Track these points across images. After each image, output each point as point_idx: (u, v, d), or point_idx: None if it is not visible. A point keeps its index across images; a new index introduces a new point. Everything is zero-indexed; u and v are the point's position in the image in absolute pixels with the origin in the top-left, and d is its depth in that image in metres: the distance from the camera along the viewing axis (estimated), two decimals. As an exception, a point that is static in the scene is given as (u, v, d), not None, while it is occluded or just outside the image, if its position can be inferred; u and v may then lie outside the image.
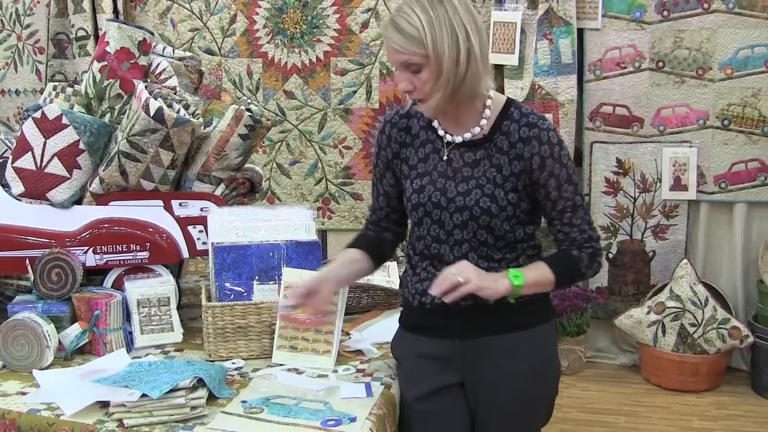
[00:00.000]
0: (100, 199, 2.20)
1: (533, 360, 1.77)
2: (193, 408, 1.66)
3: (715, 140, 3.74)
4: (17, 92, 4.45)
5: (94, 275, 2.21)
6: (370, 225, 1.95)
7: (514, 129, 1.71)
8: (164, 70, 2.35)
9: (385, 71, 4.00)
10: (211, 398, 1.73)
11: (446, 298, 1.63)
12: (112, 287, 2.18)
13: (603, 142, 3.86)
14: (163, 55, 2.41)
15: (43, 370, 1.91)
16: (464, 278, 1.61)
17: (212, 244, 2.08)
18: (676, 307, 3.67)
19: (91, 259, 2.17)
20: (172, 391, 1.65)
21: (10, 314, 2.01)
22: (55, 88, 2.34)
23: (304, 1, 4.04)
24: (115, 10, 4.15)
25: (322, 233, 4.06)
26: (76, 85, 2.34)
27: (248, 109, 2.25)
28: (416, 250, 1.81)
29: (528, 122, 1.71)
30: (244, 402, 1.74)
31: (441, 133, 1.76)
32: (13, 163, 2.20)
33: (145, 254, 2.19)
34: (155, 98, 2.09)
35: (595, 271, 1.77)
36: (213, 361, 1.96)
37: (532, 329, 1.78)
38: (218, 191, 2.26)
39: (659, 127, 3.79)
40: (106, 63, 2.26)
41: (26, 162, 2.18)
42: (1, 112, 4.49)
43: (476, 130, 1.73)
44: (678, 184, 3.79)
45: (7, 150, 2.34)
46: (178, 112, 2.13)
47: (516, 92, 3.78)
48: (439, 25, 1.59)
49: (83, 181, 2.21)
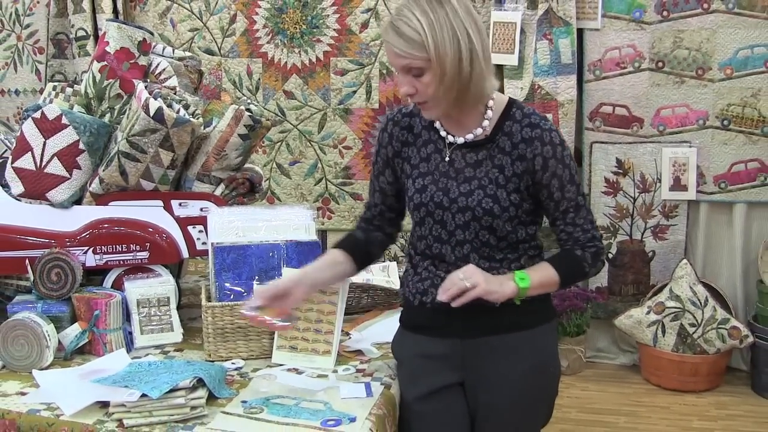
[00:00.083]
0: (100, 199, 2.19)
1: (533, 360, 1.77)
2: (193, 408, 1.66)
3: (715, 140, 3.74)
4: (17, 92, 4.45)
5: (94, 275, 2.21)
6: (362, 222, 1.93)
7: (517, 129, 1.70)
8: (164, 70, 2.35)
9: (384, 71, 4.00)
10: (211, 398, 1.73)
11: (454, 303, 1.62)
12: (111, 287, 2.18)
13: (603, 143, 3.85)
14: (163, 55, 2.41)
15: (42, 370, 1.90)
16: (472, 283, 1.61)
17: (212, 244, 2.08)
18: (675, 307, 3.67)
19: (91, 259, 2.17)
20: (171, 391, 1.64)
21: (9, 314, 2.01)
22: (54, 88, 2.34)
23: (304, 1, 4.04)
24: (115, 10, 4.15)
25: (322, 233, 4.05)
26: (75, 85, 2.34)
27: (248, 109, 2.25)
28: (417, 250, 1.81)
29: (530, 122, 1.70)
30: (244, 402, 1.74)
31: (443, 134, 1.75)
32: (12, 163, 2.20)
33: (145, 254, 2.19)
34: (155, 98, 2.09)
35: (597, 270, 1.77)
36: (213, 361, 1.96)
37: (533, 329, 1.77)
38: (218, 191, 2.26)
39: (659, 127, 3.79)
40: (105, 63, 2.26)
41: (26, 162, 2.18)
42: (1, 112, 4.49)
43: (478, 131, 1.72)
44: (678, 185, 3.78)
45: (6, 150, 2.34)
46: (178, 112, 2.13)
47: (516, 92, 3.78)
48: (441, 27, 1.58)
49: (83, 181, 2.21)
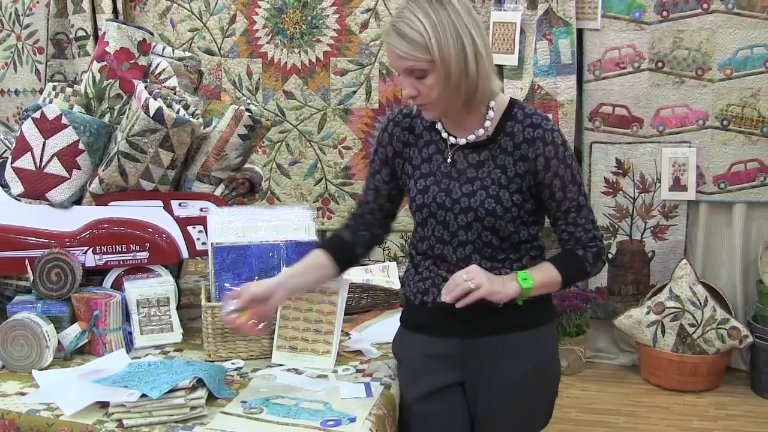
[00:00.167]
0: (100, 200, 2.19)
1: (534, 360, 1.77)
2: (193, 408, 1.66)
3: (715, 140, 3.74)
4: (17, 92, 4.45)
5: (94, 275, 2.21)
6: (351, 219, 1.92)
7: (518, 130, 1.70)
8: (164, 70, 2.35)
9: (384, 71, 4.00)
10: (211, 398, 1.73)
11: (458, 304, 1.62)
12: (111, 287, 2.18)
13: (602, 143, 3.86)
14: (163, 55, 2.41)
15: (42, 370, 1.90)
16: (475, 284, 1.61)
17: (212, 244, 2.07)
18: (675, 308, 3.67)
19: (91, 260, 2.17)
20: (171, 391, 1.64)
21: (9, 314, 2.01)
22: (54, 88, 2.34)
23: (304, 1, 4.04)
24: (115, 10, 4.15)
25: (322, 233, 4.05)
26: (75, 85, 2.34)
27: (248, 110, 2.25)
28: (419, 250, 1.81)
29: (532, 123, 1.70)
30: (244, 402, 1.74)
31: (444, 135, 1.75)
32: (12, 163, 2.20)
33: (145, 254, 2.19)
34: (155, 98, 2.09)
35: (598, 270, 1.78)
36: (213, 362, 1.95)
37: (533, 329, 1.77)
38: (218, 191, 2.26)
39: (658, 127, 3.79)
40: (105, 63, 2.26)
41: (26, 162, 2.18)
42: (1, 112, 4.49)
43: (480, 132, 1.71)
44: (677, 185, 3.79)
45: (6, 150, 2.34)
46: (178, 113, 2.13)
47: (515, 92, 3.78)
48: (443, 28, 1.57)
49: (83, 181, 2.21)
